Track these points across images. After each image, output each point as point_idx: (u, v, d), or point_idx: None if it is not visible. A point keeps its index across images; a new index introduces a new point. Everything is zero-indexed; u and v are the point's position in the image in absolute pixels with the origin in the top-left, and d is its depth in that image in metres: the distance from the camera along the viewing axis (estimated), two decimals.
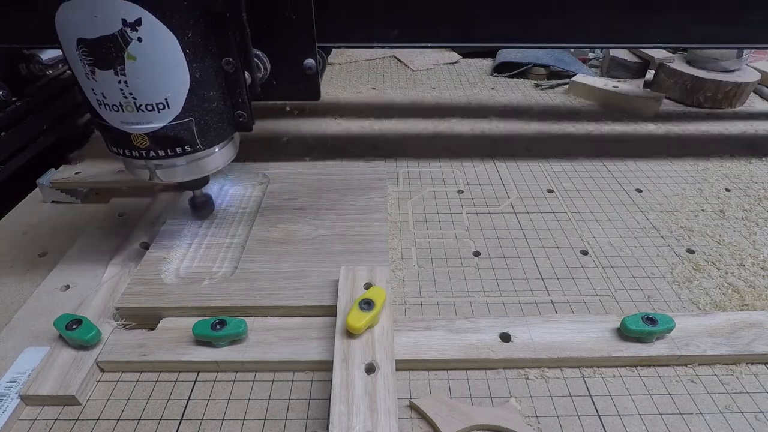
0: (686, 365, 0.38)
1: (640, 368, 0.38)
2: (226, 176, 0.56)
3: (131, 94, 0.34)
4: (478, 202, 0.57)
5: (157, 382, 0.37)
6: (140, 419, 0.34)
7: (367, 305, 0.37)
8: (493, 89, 0.91)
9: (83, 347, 0.37)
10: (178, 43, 0.33)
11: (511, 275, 0.47)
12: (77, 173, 0.57)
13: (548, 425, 0.34)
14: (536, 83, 0.93)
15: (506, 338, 0.38)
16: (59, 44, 0.33)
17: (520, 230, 0.53)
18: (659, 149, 0.69)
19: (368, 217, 0.50)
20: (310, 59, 0.46)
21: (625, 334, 0.38)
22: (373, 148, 0.69)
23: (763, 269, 0.47)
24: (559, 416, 0.34)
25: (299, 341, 0.38)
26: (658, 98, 0.79)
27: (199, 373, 0.37)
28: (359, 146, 0.70)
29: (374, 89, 0.91)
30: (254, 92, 0.42)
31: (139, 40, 0.32)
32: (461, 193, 0.59)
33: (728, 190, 0.60)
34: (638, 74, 0.92)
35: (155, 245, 0.46)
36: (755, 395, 0.36)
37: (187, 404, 0.35)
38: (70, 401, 0.35)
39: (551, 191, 0.59)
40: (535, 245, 0.50)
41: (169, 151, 0.37)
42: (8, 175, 0.60)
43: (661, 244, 0.51)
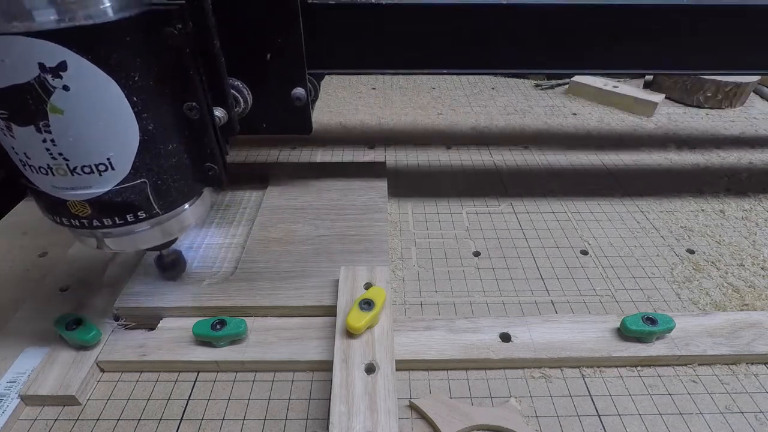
0: (686, 365, 0.38)
1: (640, 368, 0.38)
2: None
3: (61, 154, 0.27)
4: (478, 202, 0.57)
5: (157, 382, 0.37)
6: (140, 419, 0.34)
7: (367, 305, 0.37)
8: (493, 89, 0.91)
9: (83, 347, 0.37)
10: (120, 89, 0.26)
11: (511, 275, 0.47)
12: None
13: (548, 425, 0.34)
14: (536, 83, 0.93)
15: (506, 338, 0.38)
16: None
17: (520, 230, 0.53)
18: (659, 149, 0.69)
19: (368, 217, 0.50)
20: (299, 88, 0.41)
21: (625, 334, 0.38)
22: (369, 148, 0.69)
23: (763, 269, 0.47)
24: (559, 416, 0.34)
25: (299, 341, 0.38)
26: (657, 98, 0.79)
27: (199, 373, 0.37)
28: (356, 142, 0.70)
29: (374, 89, 0.91)
30: (232, 129, 0.35)
31: (65, 88, 0.25)
32: (461, 193, 0.59)
33: (728, 190, 0.60)
34: (638, 74, 0.92)
35: None
36: (755, 395, 0.36)
37: (187, 404, 0.35)
38: (70, 401, 0.35)
39: (551, 191, 0.59)
40: (535, 245, 0.50)
41: (117, 219, 0.30)
42: (8, 175, 0.60)
43: (661, 244, 0.51)
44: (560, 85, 0.91)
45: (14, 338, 0.39)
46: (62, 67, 0.24)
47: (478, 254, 0.49)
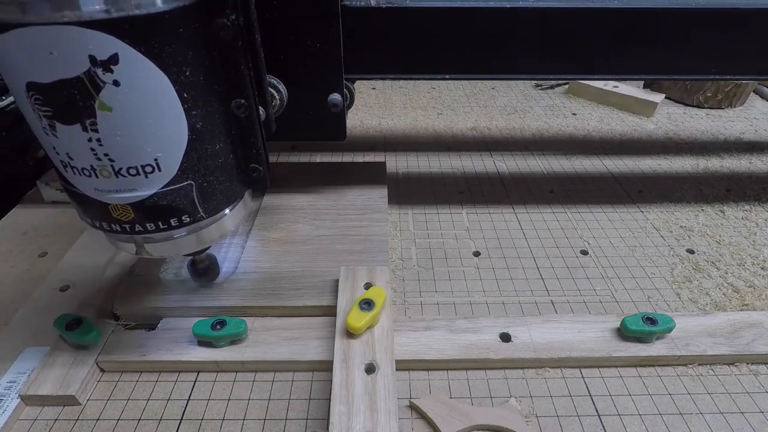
0: (686, 365, 0.38)
1: (640, 368, 0.38)
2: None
3: (106, 155, 0.25)
4: (478, 202, 0.57)
5: (157, 382, 0.37)
6: (140, 419, 0.34)
7: (367, 305, 0.37)
8: (493, 89, 0.91)
9: (83, 347, 0.37)
10: (171, 85, 0.25)
11: (511, 275, 0.47)
12: None
13: (548, 425, 0.34)
14: (536, 83, 0.93)
15: (506, 338, 0.38)
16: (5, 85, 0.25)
17: (520, 230, 0.53)
18: (659, 149, 0.69)
19: (368, 217, 0.50)
20: (335, 94, 0.39)
21: (625, 334, 0.38)
22: (369, 148, 0.69)
23: (763, 269, 0.47)
24: (559, 416, 0.34)
25: (299, 341, 0.38)
26: (657, 98, 0.79)
27: (199, 373, 0.37)
28: (356, 143, 0.70)
29: (374, 89, 0.91)
30: (269, 131, 0.34)
31: (115, 83, 0.23)
32: (461, 193, 0.59)
33: (728, 190, 0.60)
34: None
35: None
36: (755, 395, 0.36)
37: (187, 404, 0.35)
38: (70, 401, 0.35)
39: (551, 191, 0.59)
40: (535, 245, 0.50)
41: (161, 224, 0.29)
42: (8, 175, 0.60)
43: (661, 244, 0.51)
44: (560, 85, 0.91)
45: (14, 338, 0.39)
46: (114, 60, 0.23)
47: (478, 254, 0.49)
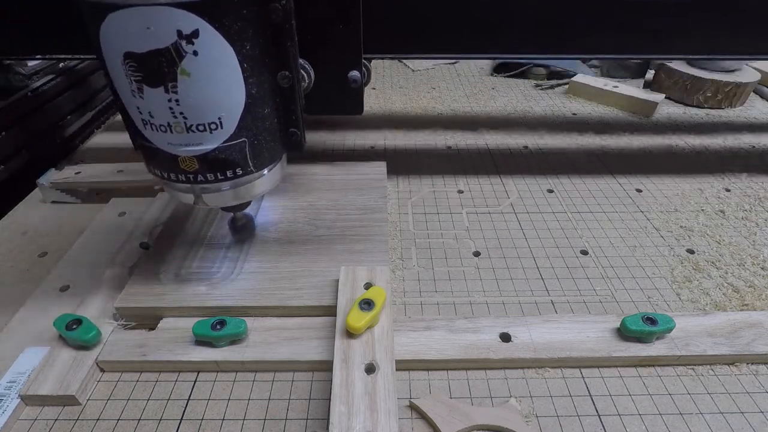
0: (686, 365, 0.38)
1: (640, 368, 0.38)
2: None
3: (182, 113, 0.31)
4: (478, 202, 0.57)
5: (157, 382, 0.37)
6: (140, 419, 0.34)
7: (367, 305, 0.37)
8: (493, 89, 0.91)
9: (83, 347, 0.37)
10: (235, 56, 0.30)
11: (511, 275, 0.47)
12: (77, 173, 0.57)
13: (548, 425, 0.34)
14: (536, 83, 0.93)
15: (506, 338, 0.38)
16: (99, 57, 0.31)
17: (520, 230, 0.53)
18: (659, 149, 0.69)
19: (368, 217, 0.50)
20: (355, 72, 0.43)
21: (625, 334, 0.38)
22: (370, 147, 0.69)
23: (763, 269, 0.47)
24: (559, 416, 0.34)
25: (299, 341, 0.38)
26: (657, 98, 0.79)
27: (199, 373, 0.37)
28: (356, 143, 0.70)
29: (374, 89, 0.91)
30: (300, 106, 0.39)
31: (194, 53, 0.29)
32: (461, 193, 0.59)
33: (728, 190, 0.60)
34: (638, 74, 0.92)
35: (155, 245, 0.46)
36: (755, 395, 0.36)
37: (187, 404, 0.35)
38: (70, 401, 0.35)
39: (551, 191, 0.59)
40: (535, 245, 0.50)
41: (218, 174, 0.35)
42: (8, 175, 0.60)
43: (661, 244, 0.51)
44: (560, 85, 0.91)
45: (14, 338, 0.39)
46: (195, 34, 0.28)
47: (478, 254, 0.49)
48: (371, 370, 0.34)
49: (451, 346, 0.37)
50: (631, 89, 0.83)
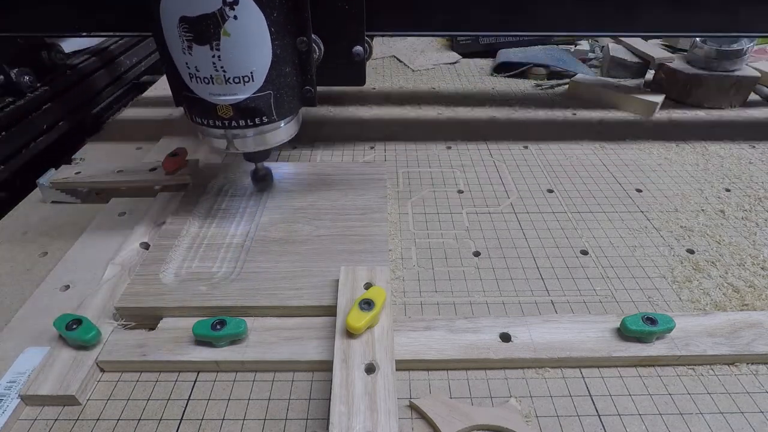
0: (686, 365, 0.38)
1: (640, 368, 0.38)
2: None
3: (222, 67, 0.38)
4: (478, 202, 0.57)
5: (157, 382, 0.37)
6: (140, 419, 0.34)
7: (367, 305, 0.37)
8: (493, 88, 0.91)
9: (83, 347, 0.37)
10: (265, 21, 0.37)
11: (511, 275, 0.47)
12: (77, 173, 0.57)
13: (548, 425, 0.34)
14: (536, 83, 0.93)
15: (506, 338, 0.38)
16: (156, 24, 0.38)
17: (520, 230, 0.53)
18: (659, 149, 0.69)
19: (368, 217, 0.50)
20: (358, 46, 0.49)
21: (625, 334, 0.38)
22: (370, 147, 0.69)
23: (763, 269, 0.47)
24: (559, 416, 0.34)
25: (299, 341, 0.38)
26: (657, 98, 0.79)
27: (199, 373, 0.37)
28: (356, 142, 0.70)
29: (374, 89, 0.91)
30: (314, 68, 0.45)
31: (234, 18, 0.36)
32: (461, 193, 0.59)
33: (728, 190, 0.60)
34: (638, 74, 0.92)
35: (155, 245, 0.46)
36: (755, 395, 0.36)
37: (187, 404, 0.35)
38: (70, 401, 0.35)
39: (551, 191, 0.59)
40: (535, 245, 0.50)
41: (248, 121, 0.42)
42: (9, 173, 0.61)
43: (661, 244, 0.51)
44: (560, 85, 0.91)
45: (14, 338, 0.39)
46: (236, 1, 0.35)
47: (478, 254, 0.49)
48: (371, 370, 0.34)
49: (451, 346, 0.37)
50: (631, 89, 0.83)
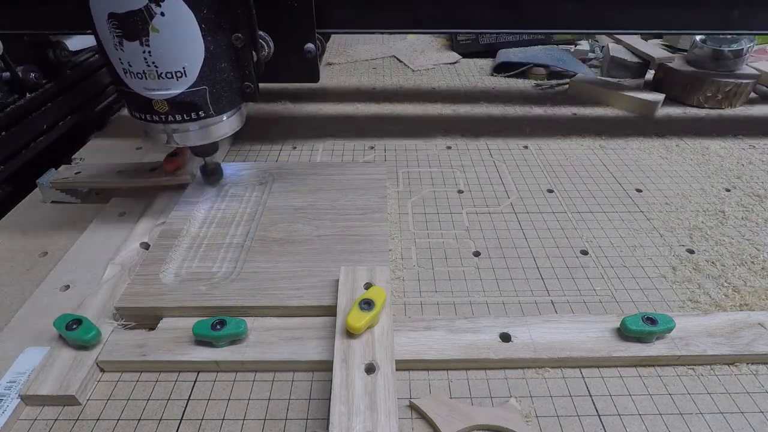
0: (686, 365, 0.38)
1: (640, 368, 0.38)
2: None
3: (154, 63, 0.39)
4: (478, 202, 0.57)
5: (157, 382, 0.37)
6: (140, 419, 0.34)
7: (367, 305, 0.37)
8: (493, 88, 0.91)
9: (83, 347, 0.37)
10: (194, 18, 0.38)
11: (511, 275, 0.47)
12: (77, 173, 0.57)
13: (548, 425, 0.34)
14: (536, 83, 0.93)
15: (506, 338, 0.38)
16: (90, 20, 0.38)
17: (520, 230, 0.53)
18: (659, 149, 0.69)
19: (368, 217, 0.50)
20: (310, 44, 0.50)
21: (625, 334, 0.38)
22: (370, 147, 0.69)
23: (763, 269, 0.47)
24: (559, 416, 0.34)
25: (299, 341, 0.38)
26: (657, 98, 0.79)
27: (199, 373, 0.37)
28: (356, 142, 0.70)
29: (374, 89, 0.91)
30: (259, 70, 0.45)
31: (162, 14, 0.36)
32: (461, 193, 0.59)
33: (728, 190, 0.60)
34: (638, 74, 0.92)
35: (155, 245, 0.46)
36: (755, 395, 0.36)
37: (187, 404, 0.35)
38: (70, 401, 0.35)
39: (551, 191, 0.59)
40: (535, 245, 0.50)
41: (185, 115, 0.42)
42: (10, 172, 0.61)
43: (661, 244, 0.51)
44: (560, 85, 0.91)
45: (14, 338, 0.39)
46: None
47: (478, 254, 0.49)
48: (371, 370, 0.34)
49: (451, 346, 0.37)
50: (631, 89, 0.83)
